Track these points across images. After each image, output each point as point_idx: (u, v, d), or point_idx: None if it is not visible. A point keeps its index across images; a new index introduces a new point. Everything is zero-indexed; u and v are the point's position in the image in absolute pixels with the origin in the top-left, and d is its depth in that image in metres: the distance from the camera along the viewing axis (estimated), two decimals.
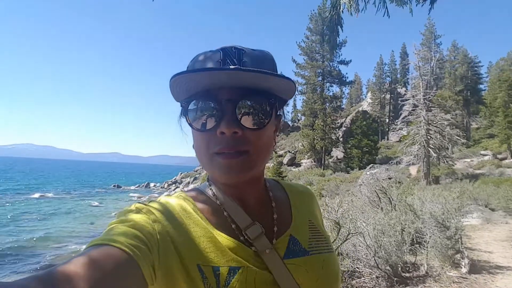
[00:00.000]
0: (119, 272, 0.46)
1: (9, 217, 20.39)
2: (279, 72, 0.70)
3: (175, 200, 0.68)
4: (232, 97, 0.62)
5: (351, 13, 1.95)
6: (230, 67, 0.60)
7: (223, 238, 0.63)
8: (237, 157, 0.61)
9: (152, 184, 49.88)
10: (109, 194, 39.20)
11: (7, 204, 26.54)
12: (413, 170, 23.71)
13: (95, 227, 19.08)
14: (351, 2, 2.02)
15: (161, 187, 44.82)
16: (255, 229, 0.66)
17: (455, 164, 22.89)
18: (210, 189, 0.72)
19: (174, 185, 40.82)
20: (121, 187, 49.45)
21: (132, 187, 49.00)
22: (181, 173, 45.24)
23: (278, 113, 0.71)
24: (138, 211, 0.60)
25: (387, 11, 2.10)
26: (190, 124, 0.65)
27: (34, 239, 15.08)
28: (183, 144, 0.70)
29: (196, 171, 42.21)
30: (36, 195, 34.19)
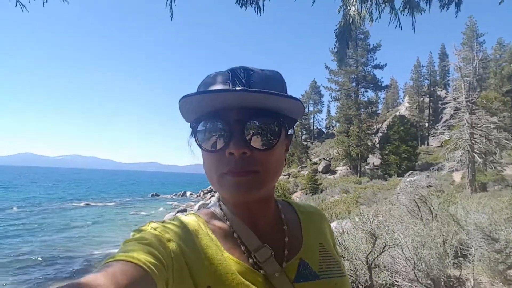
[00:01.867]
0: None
1: (61, 224, 21.92)
2: (288, 92, 0.71)
3: (188, 220, 0.68)
4: (240, 118, 0.62)
5: (359, 24, 1.90)
6: (237, 88, 0.61)
7: (232, 261, 0.63)
8: (246, 176, 0.62)
9: (188, 193, 50.84)
10: (148, 203, 40.49)
11: (57, 212, 28.50)
12: (456, 176, 22.35)
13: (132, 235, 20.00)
14: (361, 14, 1.98)
15: (197, 196, 45.61)
16: (264, 252, 0.66)
17: (505, 170, 21.23)
18: (221, 209, 0.72)
19: (210, 193, 41.25)
20: (159, 195, 50.82)
21: (169, 196, 50.08)
22: None
23: (288, 133, 0.71)
24: (153, 229, 0.61)
25: (399, 23, 2.03)
26: (199, 145, 0.66)
27: (81, 244, 16.08)
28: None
29: None
30: (82, 203, 36.17)
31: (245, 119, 0.62)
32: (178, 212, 28.66)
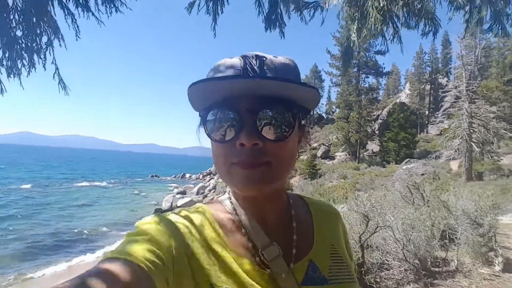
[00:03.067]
0: (132, 287, 0.46)
1: (63, 204, 22.46)
2: (302, 80, 0.68)
3: (195, 213, 0.67)
4: (252, 107, 0.59)
5: (357, 47, 2.29)
6: (250, 75, 0.59)
7: (238, 258, 0.62)
8: (257, 168, 0.59)
9: (187, 175, 51.49)
10: (148, 184, 41.21)
11: (61, 192, 29.09)
12: (454, 165, 22.69)
13: (136, 214, 20.51)
14: (360, 39, 2.35)
15: (197, 178, 45.97)
16: (273, 250, 0.63)
17: (502, 159, 21.49)
18: (230, 202, 0.70)
19: (209, 176, 41.76)
20: (158, 177, 51.61)
21: (169, 178, 50.74)
22: None
23: (301, 123, 0.68)
24: (157, 223, 0.60)
25: (388, 48, 2.39)
26: (208, 135, 0.63)
27: (86, 224, 16.54)
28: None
29: None
30: (85, 183, 36.85)
31: (258, 108, 0.59)
32: (178, 194, 29.28)
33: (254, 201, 0.66)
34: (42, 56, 2.68)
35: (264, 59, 0.62)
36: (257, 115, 0.59)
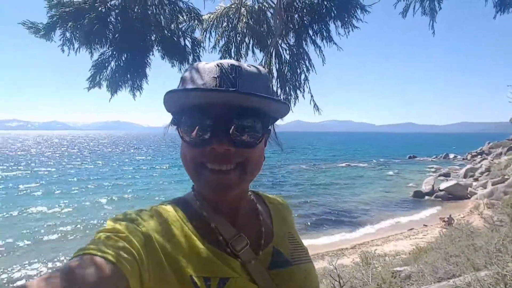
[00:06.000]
0: (104, 283, 0.47)
1: (328, 183, 25.85)
2: (272, 86, 0.75)
3: (166, 211, 0.69)
4: (226, 115, 0.62)
5: None
6: (230, 89, 0.61)
7: (211, 250, 0.65)
8: (227, 174, 0.63)
9: (451, 155, 46.21)
10: (404, 165, 39.85)
11: (325, 171, 33.05)
12: None
13: (390, 196, 20.31)
14: None
15: (463, 159, 40.59)
16: (240, 241, 0.68)
17: None
18: (197, 200, 0.73)
19: (479, 156, 35.35)
20: (416, 157, 48.86)
21: (429, 159, 46.97)
22: (488, 143, 37.46)
23: (268, 129, 0.72)
24: (129, 221, 0.61)
25: None
26: (182, 137, 0.66)
27: (348, 202, 18.60)
28: (484, 109, 2.26)
29: (511, 139, 33.28)
30: (343, 164, 39.76)
31: (231, 116, 0.62)
32: (440, 176, 26.72)
33: (222, 201, 0.71)
34: (301, 90, 3.51)
35: (239, 68, 0.65)
36: (231, 123, 0.62)
